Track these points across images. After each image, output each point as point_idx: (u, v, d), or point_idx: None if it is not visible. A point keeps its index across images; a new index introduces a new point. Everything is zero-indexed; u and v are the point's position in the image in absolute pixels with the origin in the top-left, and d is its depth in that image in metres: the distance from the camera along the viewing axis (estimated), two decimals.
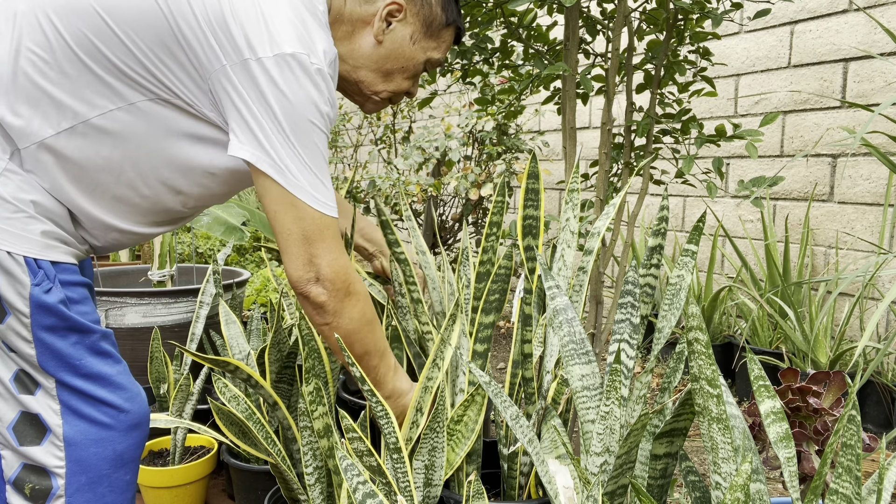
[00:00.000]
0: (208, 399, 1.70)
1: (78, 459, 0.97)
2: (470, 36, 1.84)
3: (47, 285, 0.95)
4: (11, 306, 0.93)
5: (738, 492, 0.75)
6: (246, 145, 0.96)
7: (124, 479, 1.03)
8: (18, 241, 0.94)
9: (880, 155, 1.89)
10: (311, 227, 1.02)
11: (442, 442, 1.27)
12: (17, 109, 0.94)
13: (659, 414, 1.12)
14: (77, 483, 0.97)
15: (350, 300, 1.10)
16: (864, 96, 2.62)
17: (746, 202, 3.10)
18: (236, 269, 2.74)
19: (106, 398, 1.00)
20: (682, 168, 1.71)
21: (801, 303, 2.72)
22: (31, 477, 0.97)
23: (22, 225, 0.95)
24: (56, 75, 0.94)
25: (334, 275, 1.07)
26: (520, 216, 1.33)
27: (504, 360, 3.41)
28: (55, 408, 0.97)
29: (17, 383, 0.96)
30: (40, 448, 0.96)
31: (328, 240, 1.05)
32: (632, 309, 1.11)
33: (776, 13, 2.91)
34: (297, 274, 1.05)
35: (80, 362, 0.98)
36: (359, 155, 4.84)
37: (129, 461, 1.04)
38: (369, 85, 1.20)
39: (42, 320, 0.94)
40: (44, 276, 0.95)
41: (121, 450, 1.02)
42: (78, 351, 0.98)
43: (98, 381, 1.00)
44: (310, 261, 1.04)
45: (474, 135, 3.38)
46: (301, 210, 1.01)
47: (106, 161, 0.99)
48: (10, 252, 0.93)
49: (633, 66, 1.84)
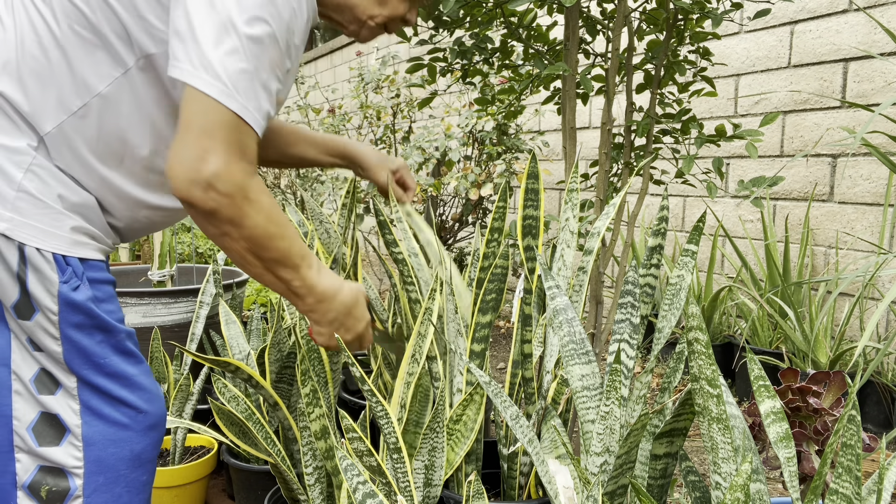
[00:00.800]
0: (208, 399, 1.70)
1: (96, 459, 0.97)
2: (470, 36, 1.84)
3: (75, 282, 0.95)
4: (40, 303, 0.93)
5: (738, 492, 0.75)
6: (174, 38, 0.89)
7: (141, 479, 1.03)
8: (48, 238, 0.93)
9: (880, 155, 1.89)
10: (216, 122, 0.88)
11: (442, 442, 1.27)
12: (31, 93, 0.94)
13: (659, 414, 1.12)
14: (95, 483, 0.97)
15: (250, 205, 0.93)
16: (864, 96, 2.62)
17: (746, 202, 3.09)
18: (236, 269, 2.74)
19: (126, 398, 1.00)
20: (682, 168, 1.71)
21: (801, 303, 2.72)
22: (48, 479, 0.96)
23: (51, 221, 0.94)
24: (59, 53, 0.94)
25: (228, 175, 0.90)
26: (520, 216, 1.33)
27: (504, 360, 3.40)
28: (75, 407, 0.97)
29: (37, 384, 0.96)
30: (59, 448, 0.96)
31: (234, 144, 0.90)
32: (632, 309, 1.11)
33: (776, 13, 2.91)
34: (182, 168, 0.88)
35: (104, 361, 0.98)
36: None
37: (146, 461, 1.03)
38: (364, 9, 1.13)
39: (70, 318, 0.94)
40: (72, 273, 0.95)
41: (138, 450, 1.01)
42: (103, 349, 0.98)
43: (120, 381, 1.00)
44: (202, 156, 0.88)
45: (474, 135, 3.38)
46: (213, 106, 0.88)
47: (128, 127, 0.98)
48: (39, 249, 0.92)
49: (633, 66, 1.84)
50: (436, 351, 1.45)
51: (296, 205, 4.88)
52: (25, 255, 0.92)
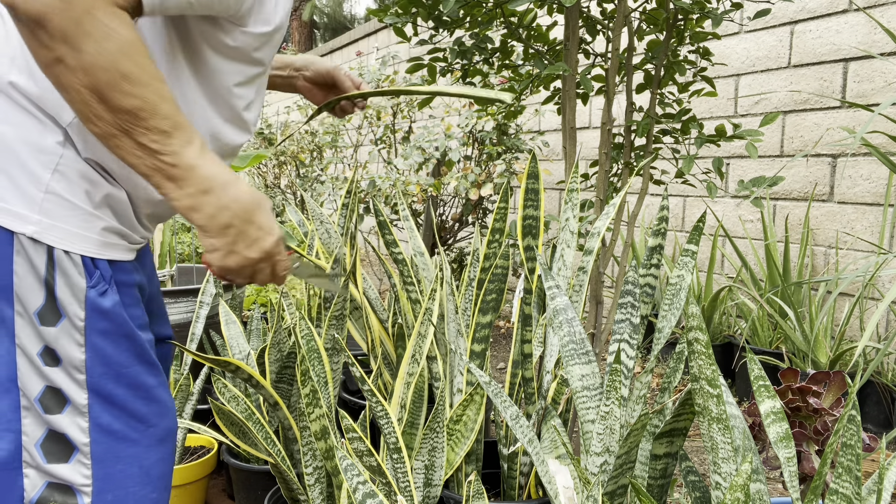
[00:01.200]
0: (208, 399, 1.70)
1: (104, 477, 0.95)
2: (470, 36, 1.84)
3: (103, 287, 0.91)
4: (66, 309, 0.90)
5: (738, 492, 0.75)
6: None
7: (150, 496, 0.99)
8: (77, 240, 0.89)
9: (880, 155, 1.89)
10: None
11: (442, 442, 1.27)
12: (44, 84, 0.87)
13: (659, 414, 1.12)
14: (103, 501, 0.96)
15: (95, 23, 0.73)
16: (864, 96, 2.62)
17: (746, 202, 3.10)
18: None
19: (138, 411, 0.96)
20: (682, 168, 1.71)
21: (801, 303, 2.72)
22: (56, 495, 0.94)
23: (80, 222, 0.89)
24: None
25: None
26: (520, 216, 1.33)
27: (504, 361, 3.40)
28: (83, 425, 0.93)
29: (42, 402, 0.93)
30: (68, 466, 0.93)
31: None
32: (632, 309, 1.11)
33: (776, 13, 2.91)
34: None
35: (127, 370, 0.94)
36: (359, 155, 4.84)
37: (155, 478, 1.00)
38: None
39: (96, 324, 0.91)
40: (100, 277, 0.91)
41: (147, 466, 0.98)
42: (128, 358, 0.94)
43: (138, 392, 0.96)
44: None
45: (474, 135, 3.38)
46: None
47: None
48: (68, 252, 0.89)
49: (633, 66, 1.84)
50: (436, 351, 1.45)
51: (296, 205, 4.88)
52: (54, 259, 0.89)
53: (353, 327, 1.82)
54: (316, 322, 1.69)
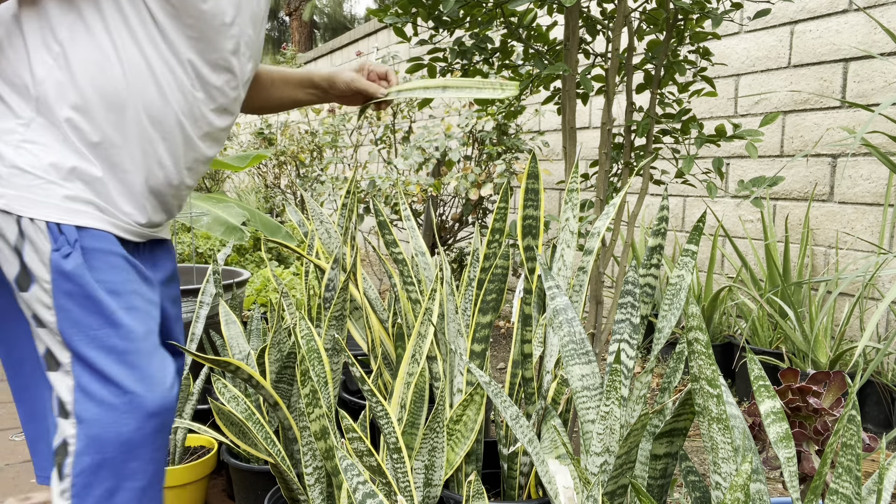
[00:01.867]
0: (208, 399, 1.70)
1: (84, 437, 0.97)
2: (470, 36, 1.84)
3: (67, 250, 0.95)
4: (35, 274, 0.95)
5: (738, 492, 0.75)
6: None
7: (129, 465, 0.99)
8: (39, 207, 0.95)
9: (880, 155, 1.89)
10: None
11: (442, 442, 1.27)
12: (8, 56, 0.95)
13: (659, 414, 1.12)
14: (82, 463, 0.97)
15: None
16: (864, 96, 2.62)
17: (746, 202, 3.10)
18: (236, 269, 2.74)
19: (115, 375, 0.97)
20: (682, 168, 1.71)
21: (801, 303, 2.72)
22: (61, 451, 0.98)
23: (42, 191, 0.95)
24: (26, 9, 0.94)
25: None
26: (520, 216, 1.33)
27: (504, 361, 3.41)
28: (69, 384, 0.97)
29: (45, 361, 0.99)
30: (67, 422, 0.97)
31: None
32: (632, 309, 1.11)
33: (776, 13, 2.91)
34: None
35: (97, 332, 0.97)
36: (359, 155, 4.84)
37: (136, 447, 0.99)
38: None
39: (62, 286, 0.95)
40: (64, 240, 0.95)
41: (126, 434, 0.97)
42: (97, 320, 0.97)
43: (110, 355, 0.97)
44: None
45: (474, 135, 3.38)
46: None
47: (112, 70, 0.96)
48: (32, 219, 0.94)
49: (633, 66, 1.84)
50: (436, 351, 1.45)
51: (296, 205, 4.88)
52: (22, 227, 0.94)
53: (353, 327, 1.82)
54: (316, 322, 1.69)
